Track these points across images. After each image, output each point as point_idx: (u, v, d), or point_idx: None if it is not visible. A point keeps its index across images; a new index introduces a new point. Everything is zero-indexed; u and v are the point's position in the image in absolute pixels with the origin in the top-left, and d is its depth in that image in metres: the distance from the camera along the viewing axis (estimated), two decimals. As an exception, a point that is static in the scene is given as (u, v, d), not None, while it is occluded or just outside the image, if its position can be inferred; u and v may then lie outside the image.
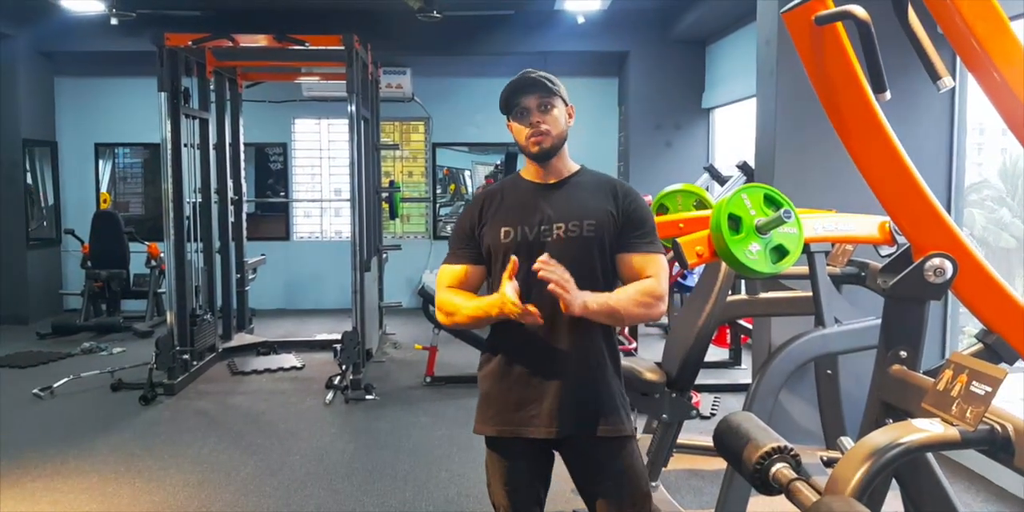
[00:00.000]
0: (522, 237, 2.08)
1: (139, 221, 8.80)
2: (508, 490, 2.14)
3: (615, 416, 2.11)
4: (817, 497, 1.61)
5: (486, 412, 2.15)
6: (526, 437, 2.09)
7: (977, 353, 1.86)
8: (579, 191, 2.13)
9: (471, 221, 2.17)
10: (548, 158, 2.12)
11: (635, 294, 2.03)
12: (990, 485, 3.77)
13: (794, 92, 4.09)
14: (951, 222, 1.88)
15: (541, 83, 2.10)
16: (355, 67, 5.80)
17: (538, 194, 2.14)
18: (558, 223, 2.07)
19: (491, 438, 2.16)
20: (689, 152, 8.09)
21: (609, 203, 2.11)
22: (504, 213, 2.13)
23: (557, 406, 2.07)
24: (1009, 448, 1.55)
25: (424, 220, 9.44)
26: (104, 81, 8.84)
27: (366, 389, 5.45)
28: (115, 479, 4.00)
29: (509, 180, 2.24)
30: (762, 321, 4.42)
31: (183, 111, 5.92)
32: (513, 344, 2.11)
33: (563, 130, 2.13)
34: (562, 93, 2.14)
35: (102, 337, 7.37)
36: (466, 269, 2.15)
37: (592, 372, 2.10)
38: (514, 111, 2.13)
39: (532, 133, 2.09)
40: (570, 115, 2.17)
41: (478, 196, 2.22)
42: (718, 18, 7.16)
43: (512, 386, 2.11)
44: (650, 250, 2.10)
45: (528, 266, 1.99)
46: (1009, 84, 1.62)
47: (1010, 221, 12.94)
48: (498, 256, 2.11)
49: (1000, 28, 1.62)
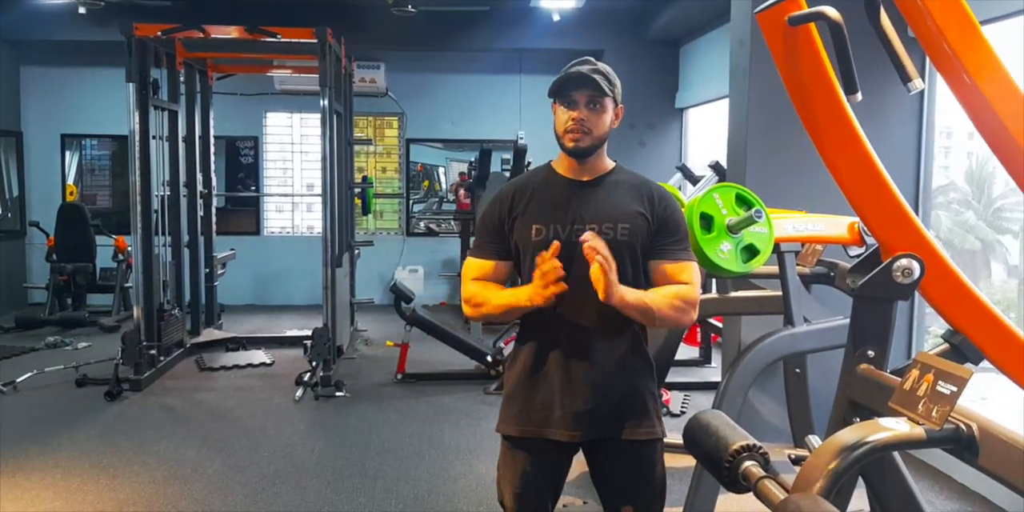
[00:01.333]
0: (554, 236, 2.01)
1: (106, 214, 8.67)
2: (517, 493, 2.09)
3: (642, 417, 2.07)
4: (785, 495, 1.63)
5: (509, 410, 2.11)
6: (548, 438, 2.05)
7: (943, 353, 1.89)
8: (614, 192, 2.07)
9: (500, 214, 2.10)
10: (583, 156, 2.06)
11: (671, 297, 2.00)
12: (953, 483, 3.83)
13: (766, 93, 4.12)
14: (919, 223, 1.91)
15: (596, 83, 2.01)
16: (328, 61, 5.75)
17: (572, 192, 2.07)
18: (591, 224, 2.01)
19: (511, 438, 2.11)
20: (662, 152, 8.13)
21: (643, 207, 2.05)
22: (535, 209, 2.06)
23: (583, 408, 2.03)
24: (973, 447, 1.57)
25: (397, 217, 9.40)
26: (72, 71, 8.70)
27: (336, 386, 5.42)
28: (79, 476, 3.93)
29: (540, 173, 2.15)
30: (732, 320, 4.45)
31: (152, 103, 5.83)
32: (541, 343, 2.06)
33: (605, 131, 2.06)
34: (616, 94, 2.07)
35: (67, 331, 7.26)
36: (494, 264, 2.10)
37: (621, 373, 2.06)
38: (563, 98, 2.05)
39: (572, 128, 2.02)
40: (617, 116, 2.09)
41: (506, 188, 2.14)
42: (692, 19, 7.20)
43: (538, 386, 2.06)
44: (684, 257, 2.06)
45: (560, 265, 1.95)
46: (979, 87, 1.64)
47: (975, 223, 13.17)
48: (527, 254, 2.05)
49: (971, 31, 1.63)
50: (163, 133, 6.28)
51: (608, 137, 2.08)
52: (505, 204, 2.10)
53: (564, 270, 1.93)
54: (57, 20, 7.67)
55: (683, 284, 2.03)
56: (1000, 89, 1.63)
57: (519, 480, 2.09)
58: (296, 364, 6.05)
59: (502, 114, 8.92)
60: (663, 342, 3.08)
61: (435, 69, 9.00)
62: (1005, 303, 9.97)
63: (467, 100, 8.99)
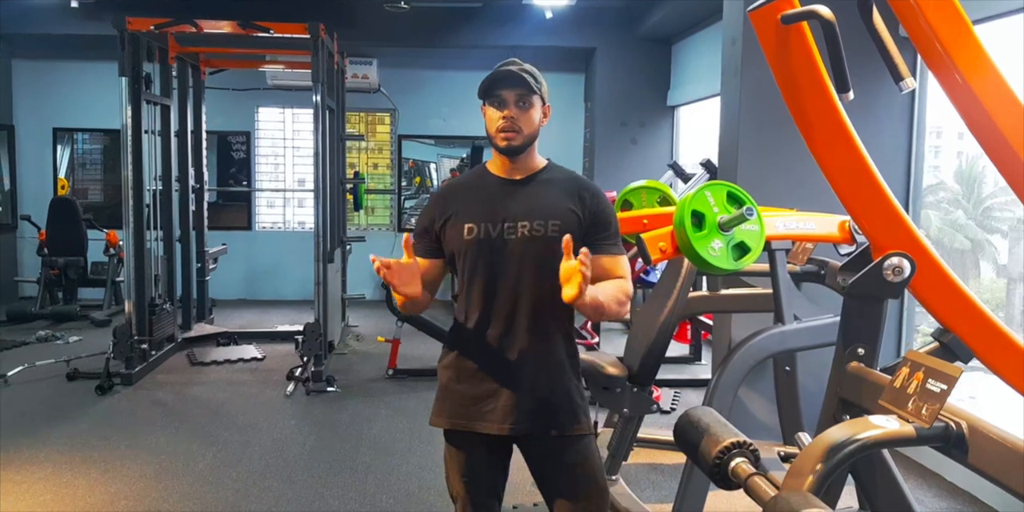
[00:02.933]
0: (485, 234, 2.07)
1: (98, 208, 8.64)
2: (465, 481, 2.15)
3: (571, 414, 2.11)
4: (775, 492, 1.64)
5: (442, 405, 2.15)
6: (478, 432, 2.09)
7: (933, 351, 1.90)
8: (545, 189, 2.12)
9: (431, 215, 2.15)
10: (516, 154, 2.10)
11: (615, 291, 2.04)
12: (942, 481, 3.85)
13: (758, 91, 4.13)
14: (910, 222, 1.92)
15: (524, 80, 2.06)
16: (320, 56, 5.74)
17: (503, 190, 2.12)
18: (522, 221, 2.06)
19: (447, 431, 2.16)
20: (654, 149, 8.14)
21: (574, 203, 2.10)
22: (468, 209, 2.11)
23: (513, 403, 2.07)
24: (963, 445, 1.58)
25: (389, 212, 9.39)
26: (64, 65, 8.65)
27: (327, 381, 5.42)
28: (70, 469, 3.93)
29: (475, 173, 2.21)
30: (722, 317, 4.46)
31: (144, 97, 5.81)
32: (472, 339, 2.11)
33: (535, 129, 2.10)
34: (543, 92, 2.11)
35: (58, 325, 7.23)
36: (424, 263, 2.13)
37: (550, 370, 2.10)
38: (491, 99, 2.09)
39: (503, 127, 2.06)
40: (545, 115, 2.14)
41: (443, 188, 2.22)
42: (684, 17, 7.20)
43: (469, 380, 2.11)
44: (617, 252, 2.11)
45: (491, 262, 2.02)
46: (971, 87, 1.64)
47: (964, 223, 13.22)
48: (461, 252, 2.10)
49: (963, 30, 1.64)
50: (155, 127, 6.26)
51: (538, 135, 2.13)
52: (438, 205, 2.16)
53: (495, 268, 2.02)
54: (49, 14, 7.63)
55: (620, 278, 2.08)
56: (992, 89, 1.64)
57: (463, 470, 2.14)
58: (287, 359, 6.05)
59: (494, 111, 8.90)
60: (653, 339, 3.08)
61: (427, 65, 8.98)
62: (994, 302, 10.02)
63: (459, 97, 8.98)
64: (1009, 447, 1.50)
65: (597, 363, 3.13)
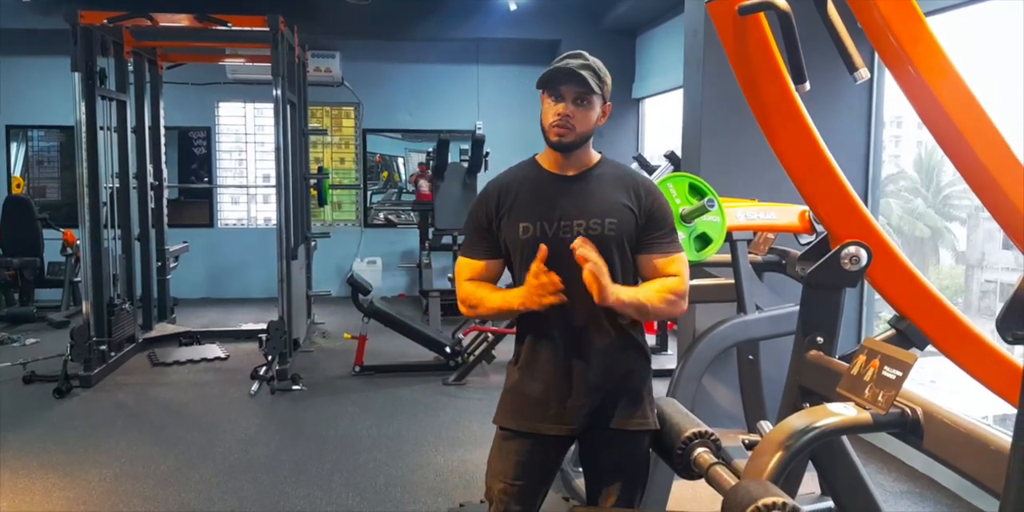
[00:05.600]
0: (541, 233, 2.01)
1: (56, 207, 8.47)
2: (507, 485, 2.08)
3: (639, 409, 2.07)
4: (736, 481, 1.65)
5: (507, 404, 2.11)
6: (543, 434, 2.06)
7: (890, 338, 1.92)
8: (599, 186, 2.06)
9: (488, 213, 2.09)
10: (567, 150, 2.04)
11: (662, 290, 2.00)
12: (902, 465, 3.92)
13: (720, 83, 4.15)
14: (867, 212, 1.94)
15: (585, 80, 1.98)
16: (280, 49, 5.67)
17: (557, 187, 2.06)
18: (579, 220, 2.01)
19: (507, 430, 2.11)
20: (619, 142, 8.15)
21: (630, 200, 2.04)
22: (521, 207, 2.05)
23: (578, 403, 2.03)
24: (918, 431, 1.60)
25: (355, 208, 9.32)
26: (16, 60, 8.42)
27: (293, 379, 5.36)
28: (26, 475, 3.84)
29: (525, 168, 2.13)
30: (688, 308, 4.48)
31: (98, 92, 5.69)
32: (537, 339, 2.07)
33: (591, 128, 2.04)
34: (605, 92, 2.05)
35: (14, 328, 7.07)
36: (485, 264, 2.10)
37: (617, 367, 2.06)
38: (550, 91, 2.02)
39: (558, 122, 1.99)
40: (604, 113, 2.07)
41: (493, 185, 2.13)
42: (648, 8, 7.22)
43: (534, 381, 2.06)
44: (672, 250, 2.06)
45: (549, 262, 1.95)
46: (924, 79, 1.66)
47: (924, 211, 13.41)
48: (516, 251, 2.05)
49: (916, 24, 1.65)
50: (111, 124, 6.14)
51: (593, 133, 2.07)
52: (492, 203, 2.09)
53: (554, 267, 1.94)
54: (0, 8, 7.44)
55: (672, 276, 2.04)
56: (945, 81, 1.66)
57: (511, 472, 2.08)
58: (252, 358, 5.98)
59: (460, 104, 8.87)
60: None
61: (391, 58, 8.91)
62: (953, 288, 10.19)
63: (424, 90, 8.93)
64: (962, 432, 1.52)
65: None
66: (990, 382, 1.87)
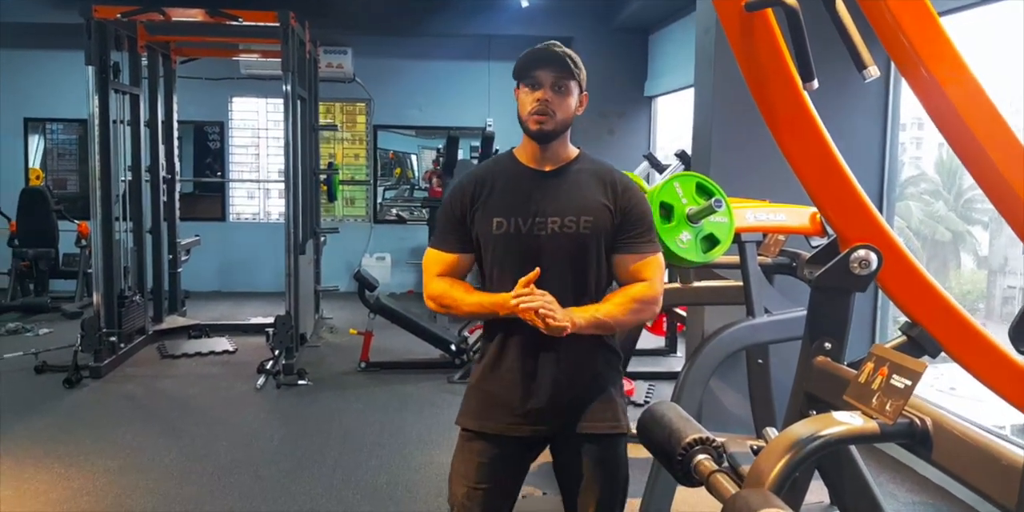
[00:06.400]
0: (515, 229, 1.98)
1: (74, 199, 8.48)
2: (470, 489, 2.02)
3: (610, 412, 2.03)
4: (736, 490, 1.60)
5: (470, 404, 2.07)
6: (508, 435, 2.01)
7: (900, 346, 1.87)
8: (577, 183, 2.01)
9: (462, 206, 2.04)
10: (547, 140, 1.99)
11: (625, 301, 1.96)
12: (914, 475, 3.83)
13: (731, 81, 4.06)
14: (877, 214, 1.88)
15: (564, 61, 1.94)
16: (291, 45, 5.66)
17: (533, 183, 2.01)
18: (553, 217, 1.97)
19: (470, 431, 2.06)
20: (631, 140, 8.10)
21: (607, 197, 2.00)
22: (497, 201, 2.01)
23: (545, 405, 1.99)
24: (927, 442, 1.55)
25: (366, 203, 9.30)
26: (34, 54, 8.48)
27: (298, 374, 5.35)
28: (32, 464, 3.85)
29: (502, 161, 2.09)
30: (696, 310, 4.44)
31: (112, 86, 5.70)
32: (506, 338, 2.02)
33: (570, 116, 1.99)
34: (581, 78, 2.00)
35: (29, 318, 7.12)
36: (457, 257, 2.06)
37: (585, 369, 2.02)
38: (526, 79, 1.97)
39: (537, 110, 1.95)
40: (582, 103, 2.03)
41: (468, 177, 2.08)
42: (661, 6, 7.15)
43: (501, 381, 2.02)
44: (647, 250, 2.01)
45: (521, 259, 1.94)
46: (938, 81, 1.61)
47: (945, 214, 13.25)
48: (488, 246, 2.02)
49: (930, 23, 1.60)
50: (125, 117, 6.15)
51: (572, 123, 2.02)
52: (467, 195, 2.04)
53: (524, 265, 1.92)
54: (18, 2, 7.48)
55: (642, 282, 1.99)
56: (959, 83, 1.61)
57: (474, 474, 2.02)
58: (259, 352, 5.97)
59: (471, 101, 8.83)
60: (624, 332, 3.05)
61: (403, 55, 8.88)
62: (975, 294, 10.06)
63: (435, 86, 8.89)
64: (973, 444, 1.47)
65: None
66: (1005, 392, 1.82)
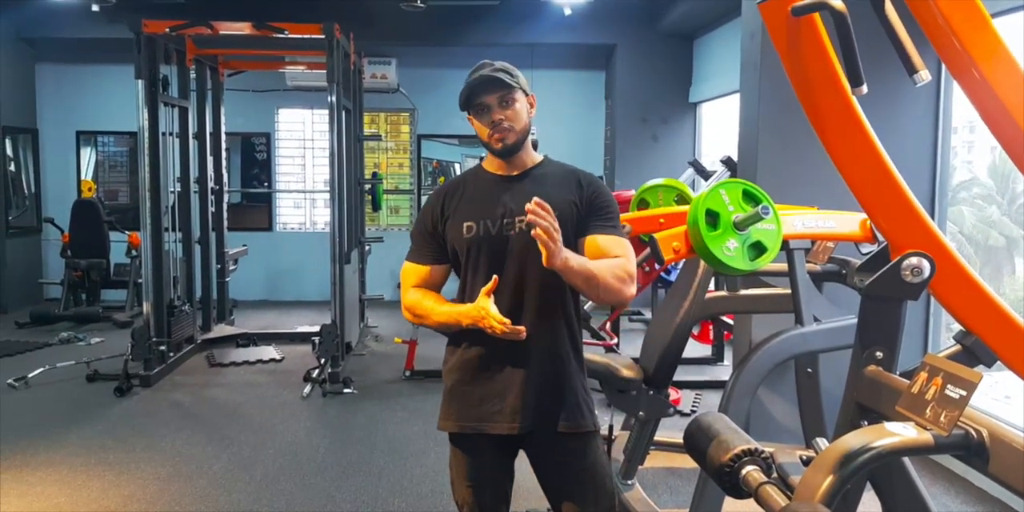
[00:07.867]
0: (484, 231, 2.05)
1: (126, 210, 8.68)
2: (472, 487, 2.11)
3: (577, 411, 2.08)
4: (786, 502, 1.57)
5: (448, 408, 2.13)
6: (488, 433, 2.06)
7: (954, 355, 1.82)
8: (542, 182, 2.08)
9: (433, 217, 2.13)
10: (512, 153, 2.08)
11: (613, 266, 1.99)
12: (970, 487, 3.73)
13: (778, 87, 4.04)
14: (929, 220, 1.84)
15: (499, 80, 2.04)
16: (336, 56, 5.73)
17: (500, 186, 2.09)
18: (520, 216, 2.00)
19: (454, 434, 2.13)
20: (675, 146, 8.05)
21: (572, 193, 2.06)
22: (466, 207, 2.09)
23: (520, 402, 2.04)
24: (984, 454, 1.51)
25: (410, 212, 9.37)
26: (86, 68, 8.72)
27: (344, 382, 5.39)
28: (85, 471, 3.93)
29: (471, 172, 2.19)
30: (743, 318, 4.38)
31: (161, 99, 5.83)
32: (475, 339, 2.06)
33: (526, 123, 2.08)
34: (522, 84, 2.09)
35: (81, 327, 7.28)
36: (430, 269, 2.13)
37: (555, 366, 2.07)
38: (474, 108, 2.07)
39: (495, 131, 2.04)
40: (531, 105, 2.12)
41: (438, 190, 2.18)
42: (705, 12, 7.11)
43: (474, 381, 2.08)
44: (615, 233, 2.06)
45: (492, 259, 2.01)
46: (989, 82, 1.57)
47: (998, 219, 12.92)
48: (462, 251, 2.08)
49: (981, 25, 1.57)
50: (173, 130, 6.28)
51: (530, 128, 2.10)
52: (437, 207, 2.12)
53: (496, 265, 2.00)
54: (71, 18, 7.72)
55: (619, 257, 2.02)
56: (1011, 83, 1.57)
57: (469, 475, 2.10)
58: (306, 360, 6.04)
59: (515, 109, 8.85)
60: (669, 340, 3.02)
61: (446, 64, 8.91)
62: (1030, 300, 9.79)
63: (479, 96, 8.94)
64: (1032, 457, 1.43)
65: (612, 365, 3.07)
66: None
